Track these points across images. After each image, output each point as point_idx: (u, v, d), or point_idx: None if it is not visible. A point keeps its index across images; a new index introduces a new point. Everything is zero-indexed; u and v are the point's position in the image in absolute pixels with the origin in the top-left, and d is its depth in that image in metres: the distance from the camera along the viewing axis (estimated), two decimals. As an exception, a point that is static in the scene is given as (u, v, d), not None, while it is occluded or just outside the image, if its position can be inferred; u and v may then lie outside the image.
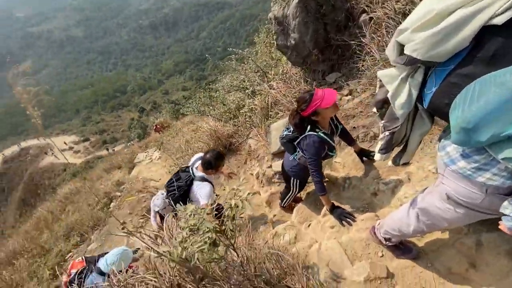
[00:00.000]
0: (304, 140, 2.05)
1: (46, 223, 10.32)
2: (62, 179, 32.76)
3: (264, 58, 4.51)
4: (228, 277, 1.11)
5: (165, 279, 1.07)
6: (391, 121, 1.18)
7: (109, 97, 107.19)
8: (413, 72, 1.06)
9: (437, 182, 1.15)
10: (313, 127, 2.00)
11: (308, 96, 1.89)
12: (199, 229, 0.97)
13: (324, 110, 1.88)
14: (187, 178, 2.68)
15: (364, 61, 2.74)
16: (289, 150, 2.33)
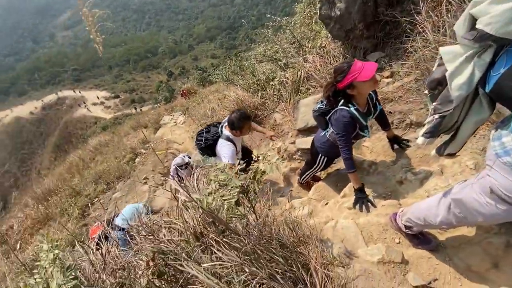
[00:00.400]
0: (334, 114, 1.96)
1: (77, 168, 11.23)
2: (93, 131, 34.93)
3: (303, 29, 4.27)
4: (248, 232, 1.15)
5: (190, 226, 1.14)
6: (443, 104, 1.08)
7: (140, 57, 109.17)
8: (482, 51, 0.94)
9: (481, 174, 1.08)
10: (346, 101, 1.89)
11: (346, 66, 1.76)
12: (227, 185, 1.00)
13: (361, 83, 1.75)
14: (214, 133, 2.77)
15: (414, 41, 2.51)
16: (321, 125, 2.24)
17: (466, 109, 1.11)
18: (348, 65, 1.76)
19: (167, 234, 1.19)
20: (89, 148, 13.54)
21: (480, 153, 1.81)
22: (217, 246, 1.11)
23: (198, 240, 1.19)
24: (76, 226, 6.43)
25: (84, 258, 1.50)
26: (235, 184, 0.98)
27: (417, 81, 2.46)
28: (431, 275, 1.57)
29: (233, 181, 0.99)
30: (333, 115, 1.99)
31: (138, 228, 1.39)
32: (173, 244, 1.13)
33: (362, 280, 1.39)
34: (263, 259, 1.17)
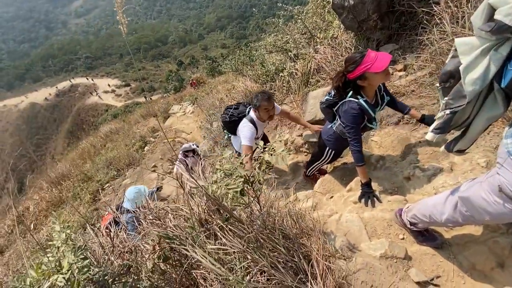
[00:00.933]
0: (342, 106, 1.92)
1: (89, 154, 11.55)
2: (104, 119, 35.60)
3: (315, 19, 4.17)
4: (252, 221, 1.17)
5: (195, 213, 1.17)
6: (456, 99, 1.04)
7: (150, 46, 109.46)
8: (499, 44, 0.89)
9: (491, 172, 1.05)
10: (355, 93, 1.84)
11: (359, 56, 1.69)
12: (232, 174, 1.02)
13: (373, 75, 1.69)
14: (241, 111, 2.78)
15: (430, 33, 2.42)
16: (328, 117, 2.22)
17: (479, 105, 1.06)
18: (361, 55, 1.70)
19: (173, 220, 1.22)
20: (100, 135, 13.87)
21: (493, 151, 1.77)
22: (221, 233, 1.13)
23: (203, 227, 1.22)
24: (88, 210, 6.65)
25: (94, 240, 1.56)
26: (239, 174, 0.99)
27: (431, 75, 2.38)
28: (434, 272, 1.56)
29: (238, 171, 1.00)
30: (341, 107, 1.95)
31: (145, 213, 1.43)
32: (179, 230, 1.16)
33: (363, 273, 1.40)
34: (265, 248, 1.19)
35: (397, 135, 2.51)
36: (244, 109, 2.79)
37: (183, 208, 1.18)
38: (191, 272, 1.31)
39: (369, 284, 1.39)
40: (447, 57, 2.22)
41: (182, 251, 1.20)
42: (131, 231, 1.92)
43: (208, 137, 6.05)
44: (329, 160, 2.47)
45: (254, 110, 2.60)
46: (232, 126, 2.81)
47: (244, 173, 1.01)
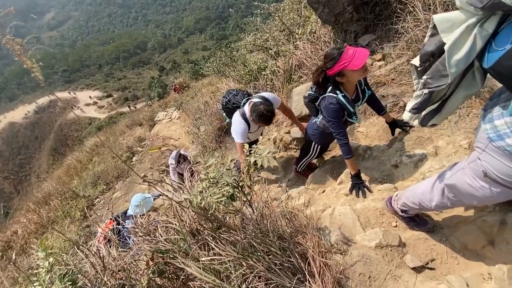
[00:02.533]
0: (323, 101, 1.95)
1: (75, 170, 11.23)
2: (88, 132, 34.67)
3: (292, 15, 4.18)
4: (244, 227, 1.15)
5: (185, 224, 1.14)
6: (435, 79, 0.99)
7: (129, 54, 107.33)
8: (483, 20, 0.83)
9: (471, 157, 1.06)
10: (335, 88, 1.86)
11: (337, 53, 1.69)
12: (218, 182, 0.99)
13: (351, 72, 1.71)
14: (236, 101, 2.67)
15: (405, 21, 2.46)
16: (312, 111, 2.25)
17: (456, 82, 1.03)
18: (338, 52, 1.69)
19: (164, 234, 1.19)
20: (86, 149, 13.51)
21: (473, 132, 1.81)
22: (214, 242, 1.11)
23: (195, 237, 1.19)
24: (79, 228, 6.46)
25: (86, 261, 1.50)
26: (225, 181, 0.97)
27: (409, 63, 2.43)
28: (428, 255, 1.59)
29: (224, 178, 0.98)
30: (321, 102, 1.98)
31: (135, 230, 1.38)
32: (170, 243, 1.13)
33: (360, 265, 1.41)
34: (260, 252, 1.18)
35: (382, 124, 2.54)
36: (241, 99, 2.64)
37: (173, 221, 1.15)
38: (188, 283, 1.28)
39: (367, 275, 1.40)
40: (422, 44, 2.26)
41: (176, 264, 1.17)
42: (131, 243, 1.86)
43: (197, 142, 5.99)
44: (317, 154, 2.48)
45: (250, 115, 2.43)
46: (228, 112, 2.78)
47: (230, 180, 0.99)
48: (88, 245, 2.07)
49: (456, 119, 1.99)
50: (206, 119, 5.62)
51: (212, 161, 1.07)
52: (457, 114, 2.00)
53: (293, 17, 4.16)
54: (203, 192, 0.96)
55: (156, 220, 1.23)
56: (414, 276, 1.46)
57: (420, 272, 1.51)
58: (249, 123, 2.53)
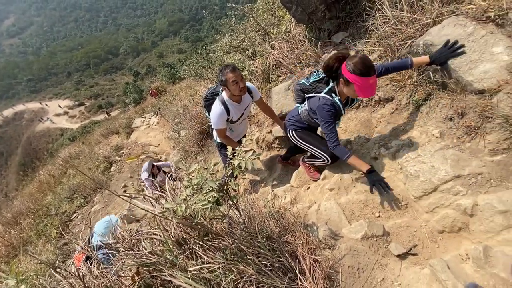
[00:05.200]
0: (316, 100, 1.94)
1: (48, 185, 10.59)
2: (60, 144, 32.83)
3: (266, 16, 4.20)
4: (232, 231, 1.14)
5: (170, 234, 1.10)
6: None
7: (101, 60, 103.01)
8: None
9: None
10: (331, 91, 1.89)
11: (365, 70, 1.61)
12: (203, 188, 0.97)
13: (353, 91, 1.73)
14: (214, 91, 2.60)
15: (374, 18, 2.56)
16: (297, 97, 2.24)
17: None
18: (366, 70, 1.61)
19: (148, 246, 1.14)
20: (59, 162, 12.79)
21: (443, 121, 1.92)
22: (201, 250, 1.08)
23: (181, 246, 1.16)
24: (56, 247, 6.10)
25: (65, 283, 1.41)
26: (209, 187, 0.95)
27: (381, 58, 2.52)
28: (410, 242, 1.66)
29: (208, 184, 0.96)
30: (313, 99, 1.97)
31: (116, 245, 1.32)
32: (156, 256, 1.09)
33: (348, 258, 1.44)
34: (250, 255, 1.17)
35: (359, 118, 2.62)
36: (219, 89, 2.55)
37: (157, 232, 1.11)
38: (177, 295, 1.24)
39: (355, 267, 1.43)
40: (392, 40, 2.36)
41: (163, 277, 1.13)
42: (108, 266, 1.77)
43: (178, 147, 5.85)
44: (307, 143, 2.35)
45: (224, 88, 2.37)
46: (209, 109, 2.64)
47: (215, 185, 0.97)
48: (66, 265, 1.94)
49: (427, 110, 2.09)
50: (186, 123, 5.51)
51: (194, 167, 1.04)
52: (427, 105, 2.11)
53: (267, 17, 4.18)
54: (187, 199, 0.93)
55: (139, 233, 1.18)
56: (399, 263, 1.52)
57: (404, 258, 1.57)
58: (228, 108, 2.44)
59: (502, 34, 1.66)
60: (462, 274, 1.26)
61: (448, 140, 1.82)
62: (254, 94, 2.61)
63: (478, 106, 1.69)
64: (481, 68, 1.68)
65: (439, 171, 1.65)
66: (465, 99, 1.80)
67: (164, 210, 0.91)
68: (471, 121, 1.73)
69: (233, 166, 1.18)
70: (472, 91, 1.74)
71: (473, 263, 1.28)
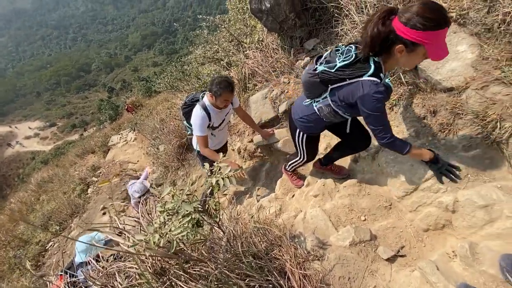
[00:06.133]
0: (357, 88, 1.35)
1: (20, 214, 9.91)
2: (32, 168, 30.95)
3: (238, 26, 4.21)
4: (215, 256, 1.06)
5: (147, 264, 1.01)
6: None
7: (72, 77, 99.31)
8: None
9: None
10: (378, 70, 1.32)
11: (439, 17, 1.10)
12: (178, 213, 0.89)
13: (421, 56, 1.22)
14: (194, 96, 2.52)
15: (343, 24, 2.62)
16: (312, 90, 1.65)
17: None
18: (440, 17, 1.11)
19: (123, 281, 1.04)
20: (31, 188, 12.02)
21: (418, 120, 1.96)
22: (183, 280, 0.99)
23: (161, 278, 1.06)
24: (31, 281, 5.64)
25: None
26: (186, 211, 0.88)
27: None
28: (398, 243, 1.65)
29: (183, 207, 0.88)
30: (348, 87, 1.40)
31: (92, 279, 1.20)
32: (132, 291, 0.99)
33: (338, 268, 1.40)
34: (235, 277, 1.09)
35: (338, 122, 2.64)
36: (198, 95, 2.53)
37: (132, 264, 1.01)
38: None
39: (346, 277, 1.40)
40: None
41: (142, 314, 1.02)
42: None
43: (157, 163, 5.65)
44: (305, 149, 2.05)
45: (211, 96, 2.32)
46: (187, 116, 2.58)
47: (191, 208, 0.90)
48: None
49: (401, 110, 2.14)
50: (164, 138, 5.35)
51: (167, 190, 0.96)
52: (400, 106, 2.16)
53: (240, 27, 4.19)
54: (161, 228, 0.85)
55: (112, 267, 1.08)
56: (389, 267, 1.50)
57: (394, 261, 1.55)
58: (210, 113, 2.39)
59: (465, 33, 1.74)
60: (451, 273, 1.26)
61: (424, 139, 1.86)
62: (234, 101, 2.60)
63: (449, 103, 1.75)
64: (448, 67, 1.74)
65: (418, 170, 1.67)
66: (435, 98, 1.85)
67: (136, 243, 0.83)
68: (444, 118, 1.78)
69: (211, 184, 1.11)
70: (441, 89, 1.80)
71: (461, 261, 1.29)
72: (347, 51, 1.40)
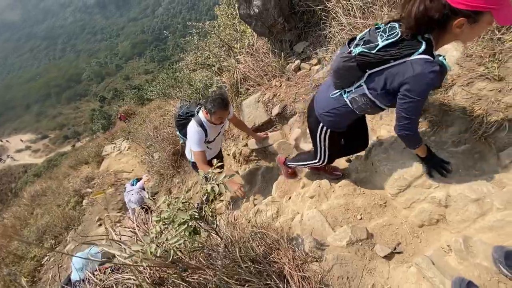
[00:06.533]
0: (406, 69, 1.17)
1: (14, 229, 9.70)
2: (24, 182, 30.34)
3: (228, 31, 4.24)
4: (212, 263, 1.06)
5: (145, 275, 1.00)
6: None
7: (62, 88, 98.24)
8: None
9: None
10: (429, 46, 1.15)
11: None
12: (174, 222, 0.90)
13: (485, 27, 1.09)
14: (190, 110, 2.53)
15: (331, 27, 2.67)
16: (345, 78, 1.44)
17: None
18: None
19: (122, 293, 1.03)
20: (24, 202, 11.78)
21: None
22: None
23: (160, 287, 1.06)
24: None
25: None
26: (181, 219, 0.88)
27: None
28: (394, 240, 1.67)
29: (179, 216, 0.89)
30: (395, 68, 1.21)
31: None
32: (131, 303, 0.98)
33: (336, 268, 1.41)
34: (234, 283, 1.10)
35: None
36: (194, 108, 2.54)
37: (130, 276, 1.00)
38: None
39: (345, 277, 1.41)
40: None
41: (141, 325, 1.02)
42: None
43: (152, 171, 5.61)
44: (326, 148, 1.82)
45: (206, 112, 2.35)
46: (181, 128, 2.62)
47: (187, 216, 0.90)
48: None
49: (391, 108, 2.17)
50: (158, 146, 5.32)
51: (162, 199, 0.96)
52: (391, 104, 2.20)
53: (230, 32, 4.22)
54: (157, 237, 0.85)
55: (109, 279, 1.07)
56: (387, 264, 1.52)
57: (391, 258, 1.57)
58: (206, 129, 2.42)
59: (447, 33, 1.79)
60: (447, 268, 1.28)
61: (414, 136, 1.89)
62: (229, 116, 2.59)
63: (436, 100, 1.79)
64: (433, 65, 1.78)
65: (410, 167, 1.70)
66: (423, 95, 1.89)
67: (132, 254, 0.82)
68: (432, 115, 1.82)
69: (206, 191, 1.12)
70: (428, 87, 1.84)
71: (455, 255, 1.31)
72: (391, 28, 1.22)
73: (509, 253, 1.12)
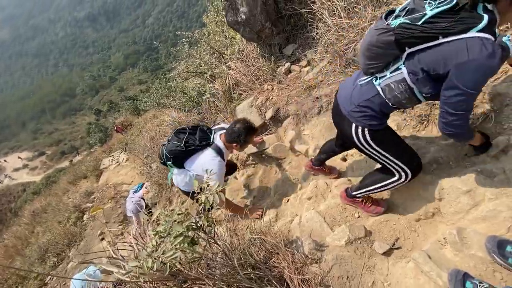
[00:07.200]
0: (459, 50, 0.94)
1: (15, 249, 9.63)
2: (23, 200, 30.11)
3: (218, 38, 4.28)
4: (211, 273, 1.07)
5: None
6: None
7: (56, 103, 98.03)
8: None
9: None
10: (493, 19, 0.93)
11: None
12: (170, 235, 0.91)
13: None
14: (203, 138, 2.15)
15: (318, 28, 2.70)
16: (379, 57, 1.16)
17: None
18: None
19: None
20: (24, 221, 11.69)
21: (397, 113, 2.03)
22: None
23: (161, 300, 1.07)
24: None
25: None
26: (177, 232, 0.89)
27: (331, 64, 2.64)
28: (392, 236, 1.69)
29: (174, 229, 0.90)
30: (447, 49, 0.96)
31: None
32: (132, 318, 0.99)
33: (336, 268, 1.43)
34: (235, 291, 1.11)
35: (323, 123, 2.69)
36: (204, 134, 2.20)
37: (129, 291, 1.01)
38: None
39: (345, 276, 1.42)
40: (338, 46, 2.49)
41: None
42: None
43: (151, 182, 5.61)
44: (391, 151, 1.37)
45: (228, 139, 2.12)
46: (183, 156, 2.17)
47: (182, 228, 0.91)
48: None
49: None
50: (156, 156, 5.32)
51: (158, 212, 0.97)
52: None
53: (219, 39, 4.26)
54: (154, 251, 0.86)
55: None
56: (386, 261, 1.53)
57: (390, 254, 1.59)
58: (223, 157, 2.16)
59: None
60: (443, 261, 1.29)
61: (405, 131, 1.92)
62: None
63: (424, 96, 1.81)
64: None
65: (403, 162, 1.72)
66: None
67: (129, 270, 0.83)
68: (421, 110, 1.85)
69: (201, 201, 1.13)
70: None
71: (451, 247, 1.33)
72: None
73: (501, 242, 1.14)
